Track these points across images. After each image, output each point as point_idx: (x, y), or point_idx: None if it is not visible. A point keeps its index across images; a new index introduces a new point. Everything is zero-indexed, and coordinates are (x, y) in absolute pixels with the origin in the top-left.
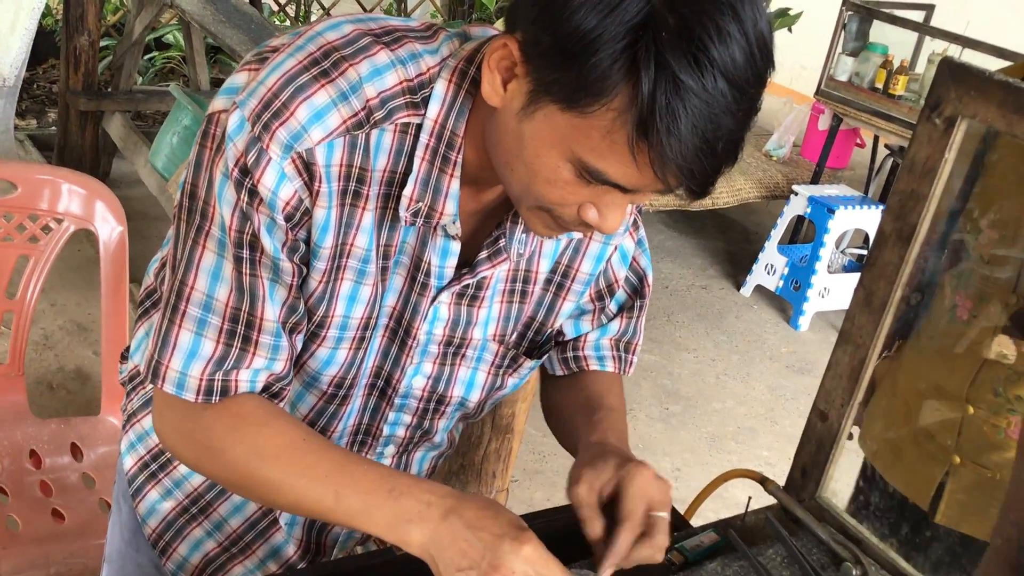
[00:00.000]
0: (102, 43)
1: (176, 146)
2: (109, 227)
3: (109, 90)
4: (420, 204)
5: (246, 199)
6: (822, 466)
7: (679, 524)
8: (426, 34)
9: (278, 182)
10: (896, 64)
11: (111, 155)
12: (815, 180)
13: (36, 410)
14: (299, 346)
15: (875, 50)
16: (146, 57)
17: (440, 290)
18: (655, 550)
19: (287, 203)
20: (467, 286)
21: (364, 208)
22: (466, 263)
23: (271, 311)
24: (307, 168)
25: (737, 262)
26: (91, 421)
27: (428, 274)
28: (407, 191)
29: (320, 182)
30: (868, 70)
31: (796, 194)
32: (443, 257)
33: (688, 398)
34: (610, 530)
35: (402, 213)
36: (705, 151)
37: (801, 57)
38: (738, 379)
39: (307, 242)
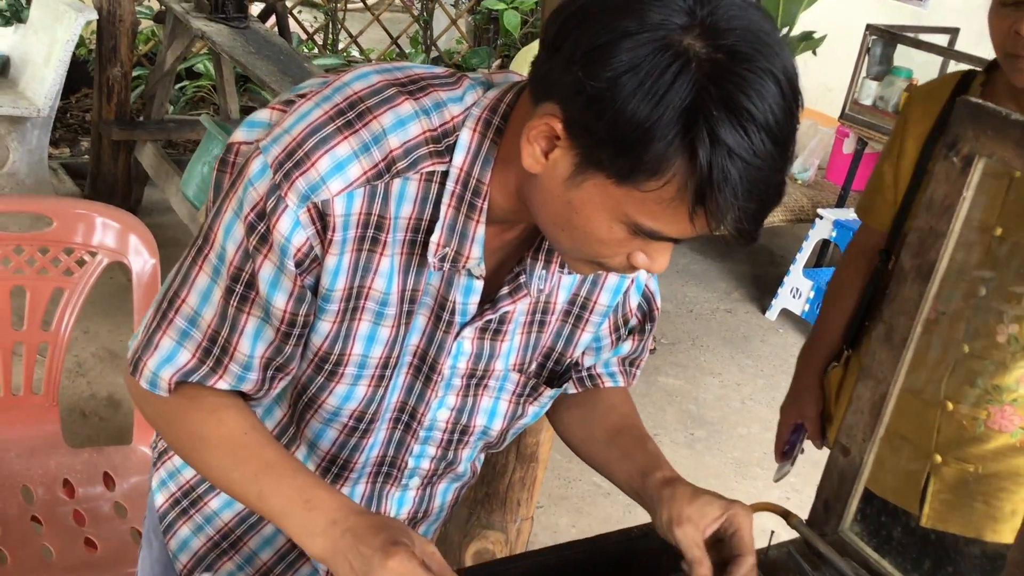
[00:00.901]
0: (134, 73)
1: (207, 176)
2: (142, 260)
3: (141, 119)
4: (447, 249)
5: (255, 242)
6: (844, 500)
7: None
8: (450, 81)
9: (292, 229)
10: None
11: (143, 183)
12: (840, 203)
13: (69, 437)
14: (276, 384)
15: (899, 74)
16: (177, 86)
17: (464, 326)
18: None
19: (299, 250)
20: (490, 321)
21: (382, 254)
22: (487, 297)
23: (247, 346)
24: (321, 218)
25: (762, 285)
26: (123, 450)
27: (452, 312)
28: (435, 237)
29: (334, 231)
30: (892, 94)
31: (821, 218)
32: (466, 295)
33: (713, 423)
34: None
35: (430, 259)
36: (758, 207)
37: (826, 79)
38: (764, 403)
39: (315, 289)
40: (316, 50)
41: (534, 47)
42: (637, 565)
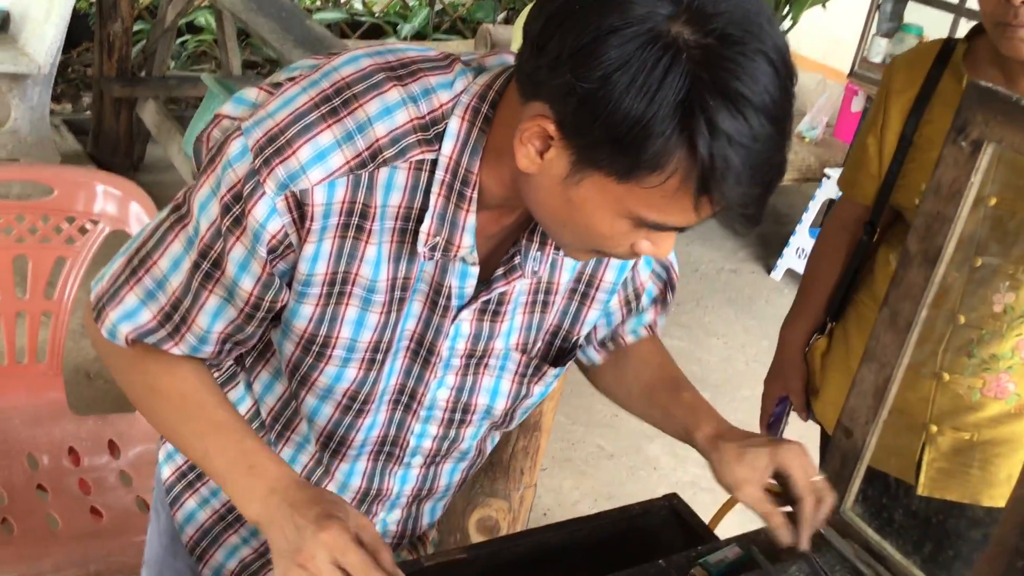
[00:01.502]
0: (135, 28)
1: None
2: None
3: (143, 74)
4: (438, 238)
5: (228, 223)
6: (846, 482)
7: (704, 537)
8: (442, 64)
9: (268, 216)
10: None
11: (145, 141)
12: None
13: (74, 399)
14: (232, 354)
15: (910, 31)
16: (178, 41)
17: (460, 309)
18: (830, 508)
19: (273, 236)
20: (487, 302)
21: (368, 242)
22: (484, 280)
23: (205, 321)
24: (299, 207)
25: (768, 245)
26: (128, 418)
27: (449, 296)
28: (424, 226)
29: (312, 220)
30: (902, 51)
31: (828, 177)
32: (462, 279)
33: (717, 385)
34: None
35: (420, 248)
36: (761, 190)
37: (835, 32)
38: (768, 365)
39: (287, 275)
40: (319, 3)
41: None
42: (638, 542)
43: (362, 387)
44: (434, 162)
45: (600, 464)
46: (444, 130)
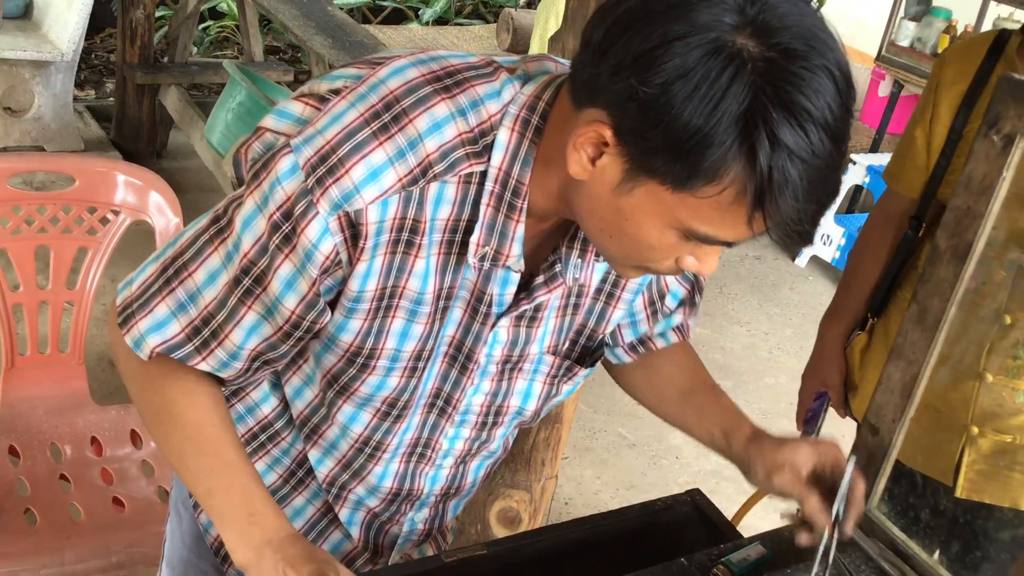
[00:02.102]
0: (157, 13)
1: (231, 123)
2: (165, 219)
3: (165, 61)
4: (487, 248)
5: (278, 241)
6: (872, 480)
7: (728, 534)
8: (487, 72)
9: (320, 236)
10: (960, 29)
11: (168, 127)
12: (875, 148)
13: (97, 386)
14: (257, 375)
15: (938, 15)
16: (201, 27)
17: (500, 316)
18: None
19: (326, 257)
20: (525, 309)
21: (417, 255)
22: (522, 284)
23: (239, 337)
24: (352, 226)
25: None
26: None
27: (489, 304)
28: (474, 237)
29: (365, 239)
30: (931, 35)
31: (854, 163)
32: (503, 286)
33: (740, 373)
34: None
35: (470, 259)
36: (816, 207)
37: (862, 14)
38: (791, 353)
39: (333, 292)
40: None
41: None
42: (660, 538)
43: (402, 394)
44: (483, 174)
45: (622, 453)
46: (493, 141)
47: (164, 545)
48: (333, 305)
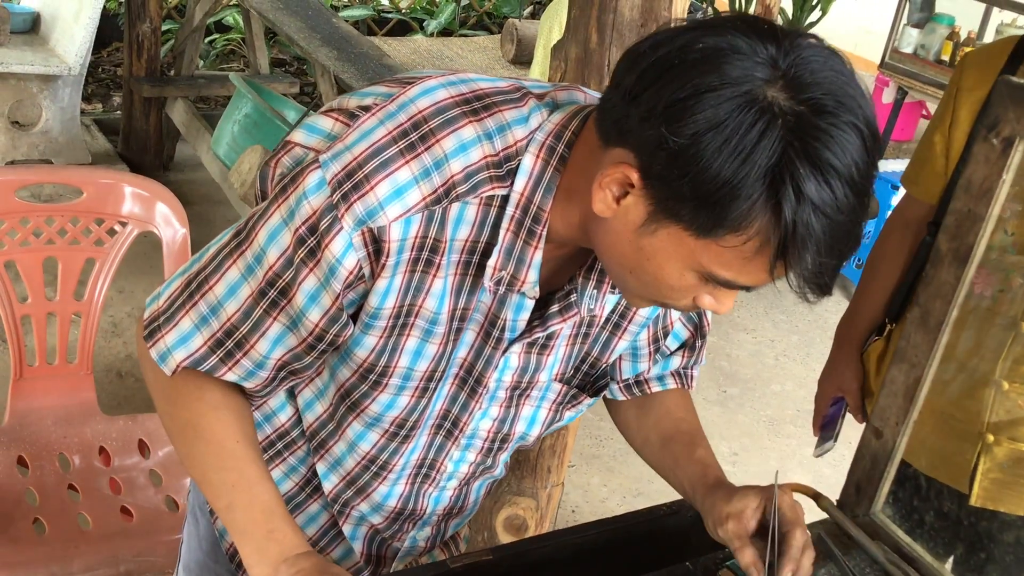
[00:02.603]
0: (163, 27)
1: (237, 135)
2: (172, 230)
3: (172, 74)
4: (503, 273)
5: (303, 255)
6: (876, 483)
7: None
8: (515, 98)
9: (344, 251)
10: (963, 35)
11: (175, 139)
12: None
13: (105, 398)
14: (283, 385)
15: (941, 21)
16: (207, 40)
17: (512, 342)
18: (811, 560)
19: (349, 272)
20: (538, 337)
21: (435, 275)
22: (535, 310)
23: (265, 347)
24: (375, 242)
25: None
26: (157, 418)
27: (503, 329)
28: (492, 261)
29: (387, 256)
30: (934, 42)
31: None
32: (517, 312)
33: (746, 380)
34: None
35: (486, 283)
36: (837, 260)
37: (866, 21)
38: (797, 360)
39: (356, 305)
40: (346, 0)
41: (564, 1)
42: (666, 543)
43: (411, 414)
44: (505, 198)
45: (628, 461)
46: (517, 167)
47: (181, 548)
48: (355, 318)
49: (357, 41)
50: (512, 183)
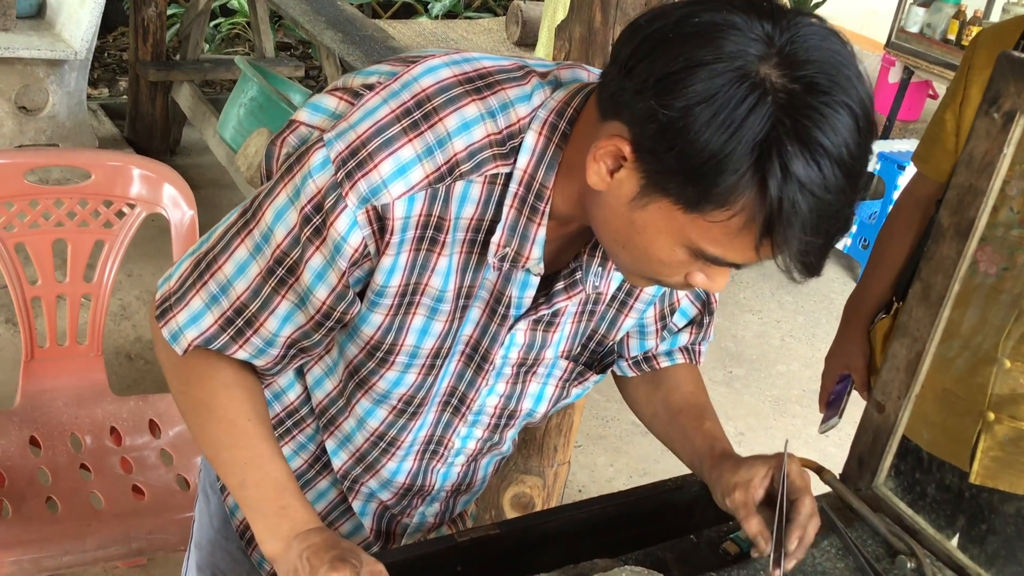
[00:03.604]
0: (169, 11)
1: (243, 118)
2: (180, 212)
3: (178, 58)
4: (507, 249)
5: (309, 233)
6: (879, 457)
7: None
8: (517, 76)
9: (349, 229)
10: (969, 15)
11: (181, 123)
12: (885, 134)
13: (115, 380)
14: (293, 363)
15: (947, 1)
16: (212, 24)
17: (518, 319)
18: (816, 528)
19: (355, 249)
20: (544, 314)
21: (440, 253)
22: (541, 288)
23: (275, 325)
24: (379, 220)
25: None
26: (167, 398)
27: (508, 306)
28: (495, 238)
29: (392, 234)
30: (940, 21)
31: None
32: (522, 289)
33: (752, 361)
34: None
35: (490, 259)
36: (824, 240)
37: (871, 2)
38: (803, 341)
39: (362, 283)
40: None
41: None
42: (671, 517)
43: (419, 391)
44: (508, 175)
45: (634, 440)
46: (520, 144)
47: (193, 526)
48: (362, 296)
49: (362, 24)
50: (515, 161)
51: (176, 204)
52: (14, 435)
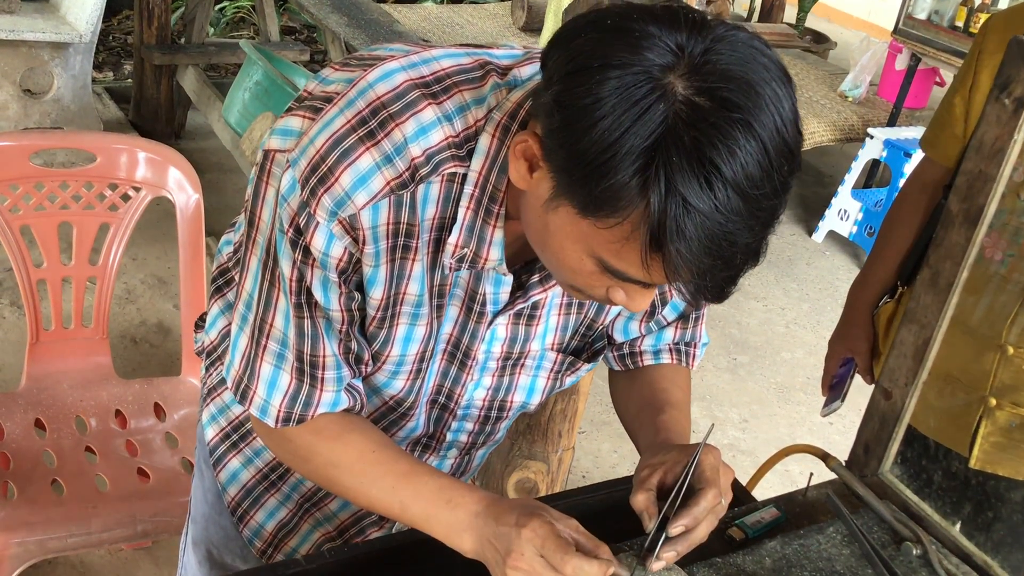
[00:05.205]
0: None
1: (248, 102)
2: (185, 196)
3: (183, 41)
4: (465, 250)
5: (300, 256)
6: (885, 443)
7: (742, 498)
8: (476, 76)
9: (328, 243)
10: (977, 2)
11: (186, 107)
12: (892, 122)
13: (120, 364)
14: (364, 370)
15: None
16: (217, 7)
17: (496, 315)
18: (718, 518)
19: (339, 260)
20: (522, 308)
21: (414, 259)
22: (520, 284)
23: (329, 347)
24: (352, 230)
25: (809, 206)
26: (172, 381)
27: (483, 303)
28: (452, 238)
29: (365, 243)
30: (948, 8)
31: (872, 137)
32: (497, 286)
33: (756, 348)
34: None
35: (446, 260)
36: (719, 265)
37: None
38: (808, 328)
39: (360, 287)
40: None
41: None
42: None
43: (408, 395)
44: (464, 176)
45: None
46: (475, 146)
47: (190, 502)
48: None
49: (367, 7)
50: (471, 162)
51: (181, 187)
52: (19, 418)
